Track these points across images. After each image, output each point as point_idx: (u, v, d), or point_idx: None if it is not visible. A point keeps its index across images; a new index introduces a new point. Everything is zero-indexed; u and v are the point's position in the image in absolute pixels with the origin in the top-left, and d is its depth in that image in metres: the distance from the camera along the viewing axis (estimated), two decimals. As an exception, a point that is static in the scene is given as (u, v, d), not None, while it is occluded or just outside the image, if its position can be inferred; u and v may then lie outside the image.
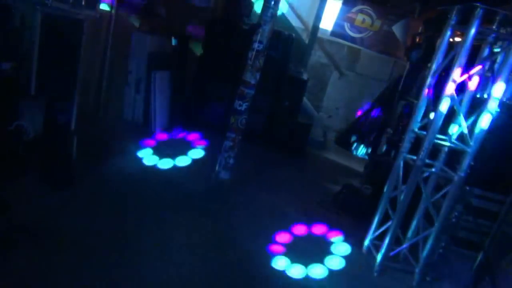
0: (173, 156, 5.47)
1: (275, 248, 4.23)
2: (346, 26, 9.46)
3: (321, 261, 4.22)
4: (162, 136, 6.07)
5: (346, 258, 4.48)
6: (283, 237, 4.44)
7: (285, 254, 4.16)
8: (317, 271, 4.07)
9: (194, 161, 5.66)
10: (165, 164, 5.35)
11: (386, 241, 4.27)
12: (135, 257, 3.59)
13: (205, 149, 6.00)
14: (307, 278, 3.95)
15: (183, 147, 5.70)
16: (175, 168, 5.56)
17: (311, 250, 4.41)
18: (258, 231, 4.54)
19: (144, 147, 5.56)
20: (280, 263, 4.01)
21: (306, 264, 4.08)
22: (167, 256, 3.72)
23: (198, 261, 3.77)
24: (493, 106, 3.86)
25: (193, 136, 6.04)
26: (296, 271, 3.96)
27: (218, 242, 4.17)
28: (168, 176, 5.34)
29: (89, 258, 3.40)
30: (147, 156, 5.34)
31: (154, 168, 5.46)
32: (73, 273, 3.19)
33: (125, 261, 3.50)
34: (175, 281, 3.43)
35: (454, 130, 4.21)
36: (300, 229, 4.70)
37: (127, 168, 5.22)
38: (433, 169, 4.38)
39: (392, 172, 4.53)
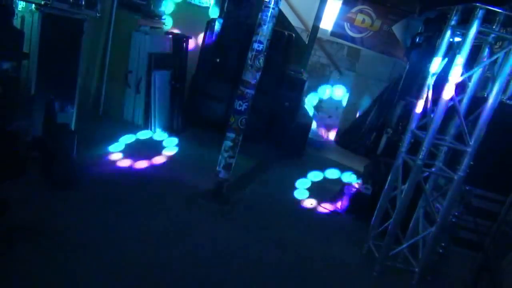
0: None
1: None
2: (346, 26, 9.45)
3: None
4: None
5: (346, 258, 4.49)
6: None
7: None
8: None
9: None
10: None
11: (386, 241, 4.28)
12: (135, 256, 3.59)
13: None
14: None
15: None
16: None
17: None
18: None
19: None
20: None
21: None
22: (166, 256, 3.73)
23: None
24: (493, 106, 3.85)
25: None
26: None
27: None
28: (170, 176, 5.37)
29: (89, 258, 3.40)
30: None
31: (154, 168, 5.49)
32: (73, 273, 3.19)
33: (125, 260, 3.50)
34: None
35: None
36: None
37: (126, 168, 5.23)
38: (433, 169, 4.38)
39: (392, 172, 4.53)
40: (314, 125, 9.05)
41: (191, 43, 7.55)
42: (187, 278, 3.53)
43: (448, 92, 3.81)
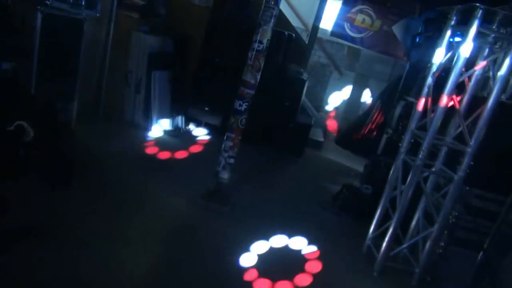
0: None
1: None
2: (346, 26, 9.45)
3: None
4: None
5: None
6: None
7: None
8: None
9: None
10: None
11: (386, 241, 4.28)
12: (133, 256, 3.59)
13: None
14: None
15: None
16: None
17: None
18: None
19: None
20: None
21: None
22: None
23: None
24: (492, 106, 3.85)
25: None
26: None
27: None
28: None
29: (89, 258, 3.40)
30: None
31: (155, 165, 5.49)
32: (73, 273, 3.19)
33: (124, 259, 3.50)
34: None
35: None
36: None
37: (127, 168, 5.23)
38: (433, 169, 4.38)
39: (392, 172, 4.53)
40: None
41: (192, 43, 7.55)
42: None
43: (448, 92, 3.81)
